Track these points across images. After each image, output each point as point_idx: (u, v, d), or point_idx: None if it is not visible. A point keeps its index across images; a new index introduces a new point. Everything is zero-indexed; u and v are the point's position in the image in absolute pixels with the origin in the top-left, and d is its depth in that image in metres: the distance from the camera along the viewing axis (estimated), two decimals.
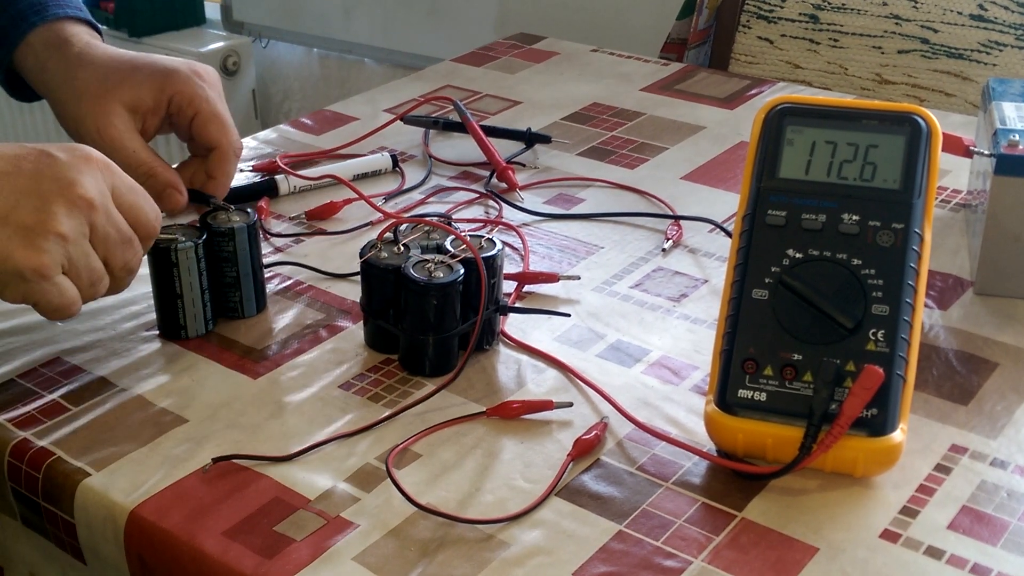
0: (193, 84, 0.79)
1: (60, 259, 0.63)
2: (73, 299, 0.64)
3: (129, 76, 0.78)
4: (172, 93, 0.79)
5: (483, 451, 0.65)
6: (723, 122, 1.08)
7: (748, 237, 0.64)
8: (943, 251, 0.84)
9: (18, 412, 0.68)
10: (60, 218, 0.62)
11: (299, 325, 0.77)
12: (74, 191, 0.63)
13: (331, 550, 0.58)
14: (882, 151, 0.64)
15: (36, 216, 0.62)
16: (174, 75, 0.79)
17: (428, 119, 1.05)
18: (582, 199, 0.94)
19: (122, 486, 0.62)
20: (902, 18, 1.37)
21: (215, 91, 0.81)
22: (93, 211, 0.63)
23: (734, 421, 0.61)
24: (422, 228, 0.75)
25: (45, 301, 0.64)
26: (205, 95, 0.79)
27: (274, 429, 0.66)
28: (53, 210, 0.62)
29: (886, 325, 0.60)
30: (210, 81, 0.81)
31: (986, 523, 0.59)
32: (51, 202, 0.62)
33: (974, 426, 0.66)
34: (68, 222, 0.62)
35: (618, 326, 0.76)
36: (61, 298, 0.64)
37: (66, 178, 0.63)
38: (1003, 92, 0.85)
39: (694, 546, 0.58)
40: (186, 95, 0.79)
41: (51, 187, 0.63)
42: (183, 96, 0.79)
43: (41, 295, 0.63)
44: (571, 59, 1.25)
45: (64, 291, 0.64)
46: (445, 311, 0.69)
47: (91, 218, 0.63)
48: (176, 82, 0.79)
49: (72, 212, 0.63)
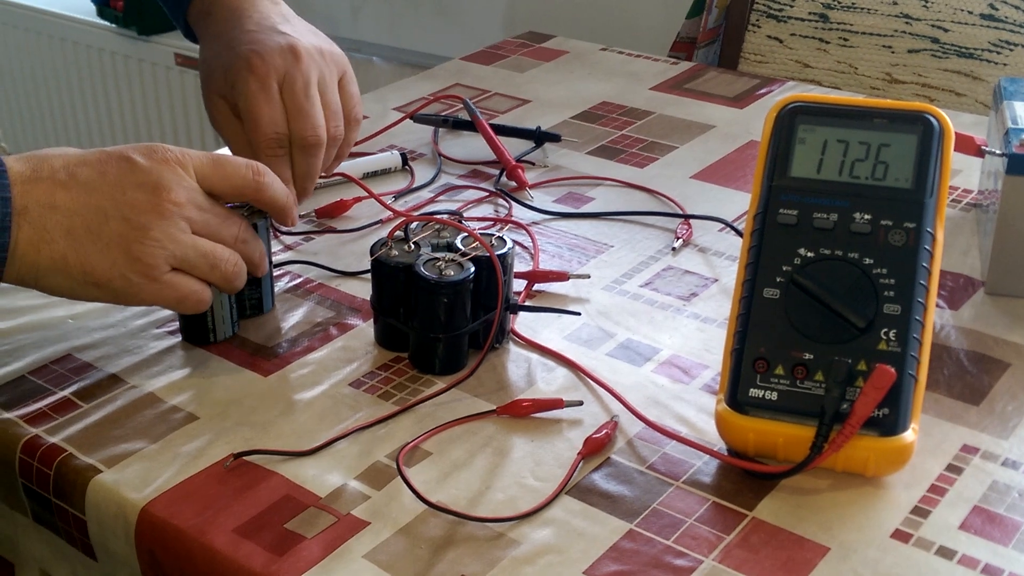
0: (234, 80, 0.76)
1: (164, 259, 0.65)
2: (192, 290, 0.67)
3: (218, 68, 0.78)
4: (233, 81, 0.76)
5: (493, 449, 0.65)
6: (733, 121, 1.08)
7: (759, 236, 0.64)
8: (954, 251, 0.84)
9: (29, 409, 0.68)
10: (152, 225, 0.64)
11: (309, 323, 0.77)
12: (160, 196, 0.64)
13: (342, 548, 0.58)
14: (894, 150, 0.64)
15: (127, 226, 0.64)
16: (230, 71, 0.77)
17: (438, 117, 1.05)
18: (592, 198, 0.94)
19: (133, 483, 0.62)
20: (912, 17, 1.37)
21: (261, 79, 0.75)
22: (183, 208, 0.65)
23: (745, 420, 0.61)
24: (432, 226, 0.75)
25: (164, 300, 0.67)
26: (242, 90, 0.75)
27: (285, 427, 0.67)
28: (143, 221, 0.64)
29: (898, 324, 0.60)
30: (262, 69, 0.75)
31: (998, 523, 0.59)
32: (141, 211, 0.64)
33: (985, 426, 0.66)
34: (160, 226, 0.64)
35: (628, 325, 0.76)
36: (178, 292, 0.66)
37: (150, 184, 0.65)
38: (1015, 92, 0.85)
39: (705, 545, 0.58)
40: (235, 93, 0.77)
41: (137, 196, 0.64)
42: (234, 94, 0.77)
43: (157, 295, 0.66)
44: (580, 58, 1.25)
45: (179, 286, 0.66)
46: (456, 309, 0.69)
47: (184, 214, 0.65)
48: (230, 78, 0.77)
49: (163, 216, 0.64)
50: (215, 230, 0.67)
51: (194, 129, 2.21)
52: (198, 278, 0.67)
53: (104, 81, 2.31)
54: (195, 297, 0.67)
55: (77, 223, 0.63)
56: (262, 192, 0.69)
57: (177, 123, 2.23)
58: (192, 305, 0.68)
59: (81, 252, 0.64)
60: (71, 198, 0.64)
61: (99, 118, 2.37)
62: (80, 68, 2.34)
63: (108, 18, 2.21)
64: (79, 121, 2.42)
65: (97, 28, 2.26)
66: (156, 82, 2.22)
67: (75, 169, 0.64)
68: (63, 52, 2.36)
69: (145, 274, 0.64)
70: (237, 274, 0.69)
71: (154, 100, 2.25)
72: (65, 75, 2.39)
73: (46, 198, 0.63)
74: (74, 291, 0.65)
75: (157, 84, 2.22)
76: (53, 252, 0.63)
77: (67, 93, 2.41)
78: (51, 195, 0.63)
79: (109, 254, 0.64)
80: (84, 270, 0.64)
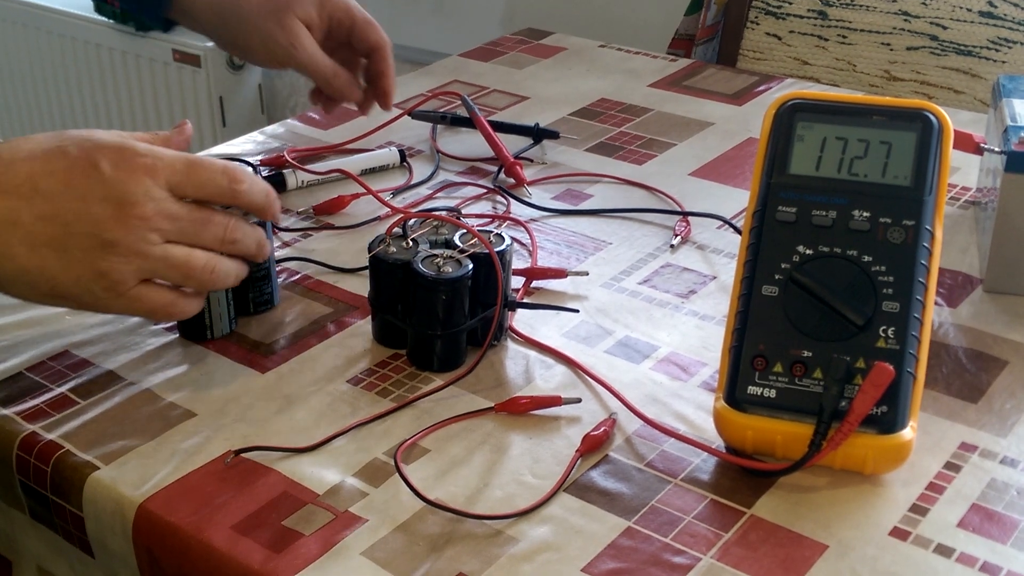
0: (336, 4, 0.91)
1: (130, 274, 0.63)
2: (164, 302, 0.65)
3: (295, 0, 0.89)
4: (331, 9, 0.91)
5: (491, 447, 0.65)
6: (731, 118, 1.08)
7: (758, 233, 0.64)
8: (952, 248, 0.84)
9: (27, 405, 0.68)
10: (118, 240, 0.62)
11: (307, 320, 0.77)
12: (125, 211, 0.62)
13: (339, 545, 0.58)
14: (893, 147, 0.64)
15: (92, 241, 0.62)
16: None
17: (436, 114, 1.05)
18: (590, 195, 0.93)
19: (131, 480, 0.62)
20: (911, 15, 1.37)
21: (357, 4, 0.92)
22: (151, 221, 0.63)
23: (743, 418, 0.61)
24: (431, 223, 0.75)
25: (134, 312, 0.66)
26: (353, 5, 0.92)
27: (283, 423, 0.66)
28: (108, 236, 0.62)
29: (896, 322, 0.60)
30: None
31: (996, 521, 0.59)
32: (105, 227, 0.62)
33: (984, 424, 0.66)
34: (127, 240, 0.62)
35: (626, 322, 0.76)
36: (148, 305, 0.65)
37: (114, 197, 0.62)
38: (1013, 89, 0.85)
39: (703, 543, 0.58)
40: (340, 7, 0.91)
41: (102, 210, 0.62)
42: (339, 9, 0.91)
43: (126, 308, 0.65)
44: (579, 54, 1.25)
45: (148, 298, 0.65)
46: (454, 306, 0.69)
47: (153, 227, 0.63)
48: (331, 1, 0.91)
49: (129, 230, 0.62)
50: (192, 237, 0.65)
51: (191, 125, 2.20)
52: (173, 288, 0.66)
53: (102, 77, 2.31)
54: (168, 309, 0.66)
55: (40, 238, 0.62)
56: (239, 199, 0.67)
57: (175, 118, 2.23)
58: (166, 316, 0.67)
59: (45, 267, 0.62)
60: (34, 212, 0.62)
61: (96, 114, 2.37)
62: (78, 64, 2.34)
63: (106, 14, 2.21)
64: (76, 117, 2.41)
65: (94, 24, 2.26)
66: (153, 78, 2.22)
67: (39, 181, 0.62)
68: (60, 48, 2.35)
69: (111, 289, 0.63)
70: (215, 280, 0.67)
71: (151, 96, 2.25)
72: (63, 71, 2.38)
73: (8, 214, 0.61)
74: (42, 301, 0.65)
75: (155, 80, 2.22)
76: (17, 265, 0.62)
77: (64, 89, 2.41)
78: (14, 211, 0.61)
79: (74, 269, 0.62)
80: (50, 284, 0.63)
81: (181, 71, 2.16)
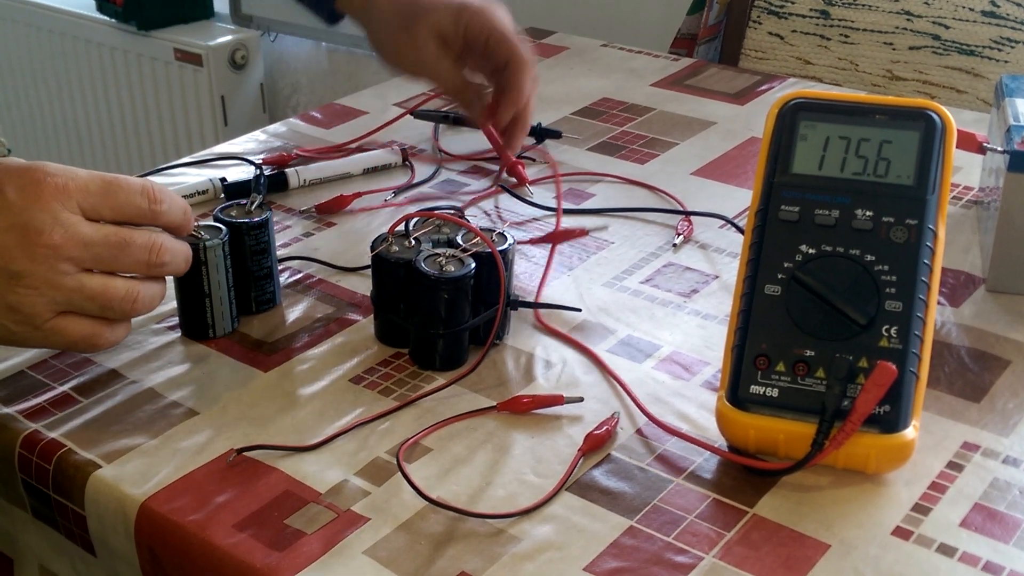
0: (483, 11, 0.89)
1: (44, 307, 0.60)
2: (84, 334, 0.62)
3: (431, 9, 0.88)
4: (467, 21, 0.88)
5: (493, 445, 0.64)
6: (733, 118, 1.08)
7: (760, 233, 0.64)
8: (955, 248, 0.84)
9: (29, 404, 0.68)
10: (26, 272, 0.59)
11: (309, 319, 0.77)
12: (31, 240, 0.59)
13: (342, 543, 0.58)
14: (896, 147, 0.63)
15: None
16: (467, 6, 0.89)
17: (438, 113, 1.05)
18: (592, 194, 0.93)
19: (133, 478, 0.62)
20: (913, 14, 1.37)
21: (503, 16, 0.90)
22: (61, 249, 0.59)
23: (746, 417, 0.61)
24: (433, 222, 0.75)
25: (54, 345, 0.63)
26: (495, 17, 0.89)
27: (285, 422, 0.66)
28: (15, 268, 0.59)
29: (899, 321, 0.60)
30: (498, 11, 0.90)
31: (998, 521, 0.59)
32: (12, 258, 0.59)
33: (986, 423, 0.66)
34: (36, 272, 0.59)
35: (628, 321, 0.76)
36: (68, 337, 0.62)
37: (19, 225, 0.59)
38: (1016, 88, 0.85)
39: (705, 542, 0.57)
40: (478, 20, 0.88)
41: (7, 239, 0.59)
42: (476, 22, 0.88)
43: (45, 341, 0.62)
44: (581, 54, 1.25)
45: (66, 331, 0.61)
46: (456, 305, 0.69)
47: (64, 255, 0.59)
48: (469, 12, 0.88)
49: (37, 260, 0.59)
50: (111, 263, 0.61)
51: (193, 123, 2.20)
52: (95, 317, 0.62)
53: (103, 76, 2.31)
54: (89, 340, 0.62)
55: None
56: (158, 219, 0.63)
57: (176, 118, 2.23)
58: (89, 348, 0.64)
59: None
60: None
61: (98, 113, 2.37)
62: (79, 63, 2.34)
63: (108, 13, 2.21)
64: (78, 116, 2.41)
65: (97, 23, 2.26)
66: (155, 77, 2.22)
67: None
68: (62, 47, 2.35)
69: (26, 323, 0.60)
70: (137, 308, 0.63)
71: (153, 95, 2.25)
72: (64, 70, 2.38)
73: None
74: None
75: (156, 79, 2.22)
76: None
77: (66, 88, 2.41)
78: None
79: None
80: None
81: (183, 70, 2.16)
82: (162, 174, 0.96)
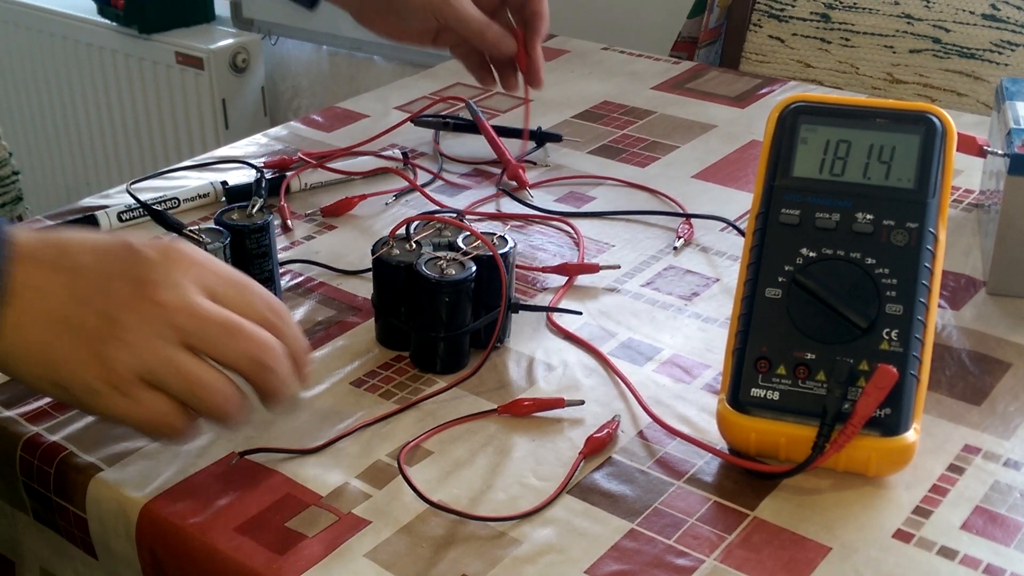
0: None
1: (131, 368, 0.55)
2: (162, 412, 0.56)
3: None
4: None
5: (494, 448, 0.65)
6: (734, 121, 1.08)
7: (761, 236, 0.64)
8: (956, 251, 0.84)
9: (30, 407, 0.68)
10: (129, 324, 0.55)
11: (310, 322, 0.77)
12: (147, 292, 0.55)
13: (343, 546, 0.58)
14: (897, 150, 0.64)
15: (102, 321, 0.55)
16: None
17: (439, 120, 1.05)
18: (593, 197, 0.94)
19: (134, 481, 0.62)
20: (914, 17, 1.37)
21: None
22: (171, 312, 0.55)
23: (747, 420, 0.61)
24: (434, 225, 0.75)
25: (133, 420, 0.56)
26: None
27: (286, 425, 0.66)
28: (120, 317, 0.55)
29: (900, 325, 0.60)
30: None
31: (999, 524, 0.59)
32: (120, 306, 0.55)
33: (987, 426, 0.66)
34: (138, 327, 0.55)
35: (629, 324, 0.76)
36: (146, 412, 0.55)
37: (141, 278, 0.55)
38: (1017, 92, 0.85)
39: (706, 545, 0.58)
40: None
41: (121, 288, 0.55)
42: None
43: (118, 409, 0.55)
44: (582, 57, 1.25)
45: (148, 404, 0.55)
46: (457, 308, 0.69)
47: (172, 319, 0.55)
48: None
49: (144, 316, 0.55)
50: (215, 345, 0.56)
51: (194, 127, 2.20)
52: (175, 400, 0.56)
53: (105, 79, 2.31)
54: (162, 421, 0.56)
55: (56, 312, 0.55)
56: (279, 332, 0.58)
57: (177, 121, 2.23)
58: (157, 429, 0.56)
59: (52, 345, 0.55)
60: (59, 284, 0.55)
61: (99, 116, 2.37)
62: (81, 66, 2.34)
63: (109, 16, 2.21)
64: (79, 119, 2.42)
65: (98, 26, 2.26)
66: (157, 80, 2.22)
67: (77, 255, 0.56)
68: (64, 50, 2.36)
69: (108, 380, 0.55)
70: (228, 411, 0.57)
71: (155, 98, 2.25)
72: (66, 73, 2.38)
73: (36, 281, 0.55)
74: (42, 388, 0.57)
75: (158, 82, 2.22)
76: (27, 339, 0.55)
77: (68, 91, 2.41)
78: (43, 278, 0.55)
79: (78, 352, 0.55)
80: (51, 366, 0.55)
81: (184, 73, 2.16)
82: (163, 177, 0.96)
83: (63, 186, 2.53)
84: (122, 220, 0.88)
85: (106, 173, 2.42)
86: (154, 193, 0.91)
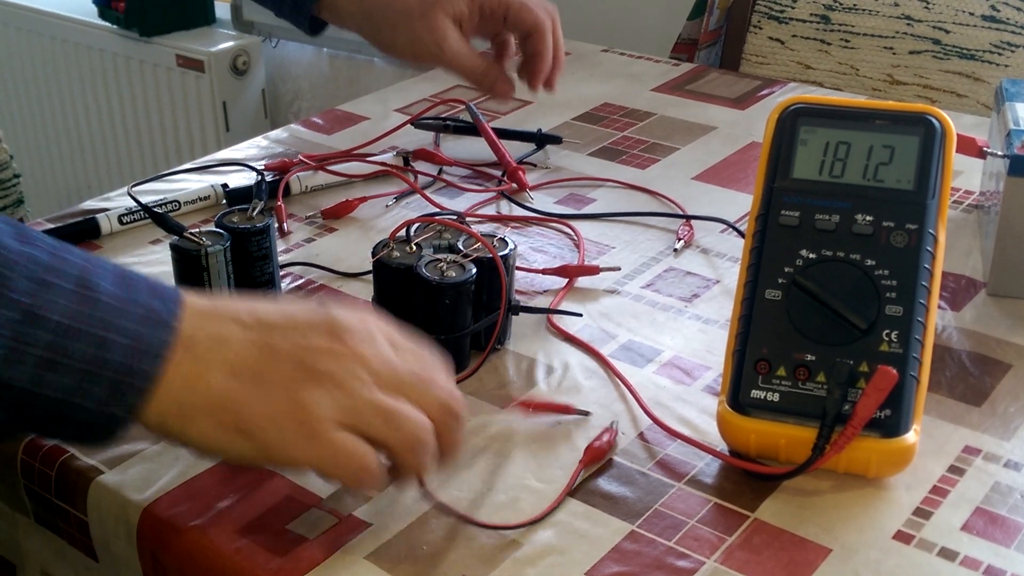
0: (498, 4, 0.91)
1: (331, 409, 0.54)
2: (361, 452, 0.54)
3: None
4: (481, 1, 0.90)
5: (495, 451, 0.65)
6: (734, 122, 1.08)
7: (761, 237, 0.64)
8: (956, 252, 0.84)
9: None
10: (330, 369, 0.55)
11: None
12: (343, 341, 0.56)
13: (343, 549, 0.58)
14: (896, 152, 0.64)
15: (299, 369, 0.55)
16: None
17: (439, 122, 1.05)
18: (593, 199, 0.94)
19: (135, 484, 0.62)
20: (914, 19, 1.37)
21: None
22: (367, 359, 0.56)
23: (747, 421, 0.61)
24: (434, 227, 0.75)
25: (317, 460, 0.54)
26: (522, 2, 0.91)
27: None
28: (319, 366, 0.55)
29: (900, 326, 0.60)
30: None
31: (1000, 525, 0.59)
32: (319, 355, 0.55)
33: (987, 427, 0.66)
34: (338, 371, 0.55)
35: (630, 326, 0.76)
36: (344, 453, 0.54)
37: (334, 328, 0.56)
38: (1016, 93, 0.85)
39: (707, 546, 0.58)
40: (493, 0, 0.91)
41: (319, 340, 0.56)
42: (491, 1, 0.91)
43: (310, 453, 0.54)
44: (582, 59, 1.25)
45: (344, 446, 0.54)
46: (457, 310, 0.69)
47: (368, 364, 0.56)
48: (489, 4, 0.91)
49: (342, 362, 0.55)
50: (409, 391, 0.56)
51: (194, 129, 2.21)
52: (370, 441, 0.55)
53: (105, 82, 2.31)
54: (360, 464, 0.54)
55: (245, 361, 0.54)
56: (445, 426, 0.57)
57: (178, 124, 2.23)
58: (354, 473, 0.55)
59: (239, 393, 0.54)
60: (246, 335, 0.55)
61: (100, 119, 2.37)
62: (81, 69, 2.34)
63: (110, 19, 2.21)
64: (80, 122, 2.42)
65: (99, 29, 2.26)
66: (157, 83, 2.22)
67: (263, 314, 0.56)
68: (64, 53, 2.36)
69: (304, 422, 0.54)
70: (424, 441, 0.56)
71: (155, 101, 2.25)
72: (67, 76, 2.39)
73: (219, 330, 0.55)
74: (218, 440, 0.54)
75: (158, 85, 2.22)
76: (209, 389, 0.54)
77: (68, 94, 2.41)
78: (226, 328, 0.55)
79: (270, 397, 0.54)
80: (236, 414, 0.54)
81: (184, 76, 2.16)
82: (164, 180, 0.96)
83: (64, 189, 2.54)
84: (123, 223, 0.88)
85: (107, 176, 2.42)
86: (155, 196, 0.91)
